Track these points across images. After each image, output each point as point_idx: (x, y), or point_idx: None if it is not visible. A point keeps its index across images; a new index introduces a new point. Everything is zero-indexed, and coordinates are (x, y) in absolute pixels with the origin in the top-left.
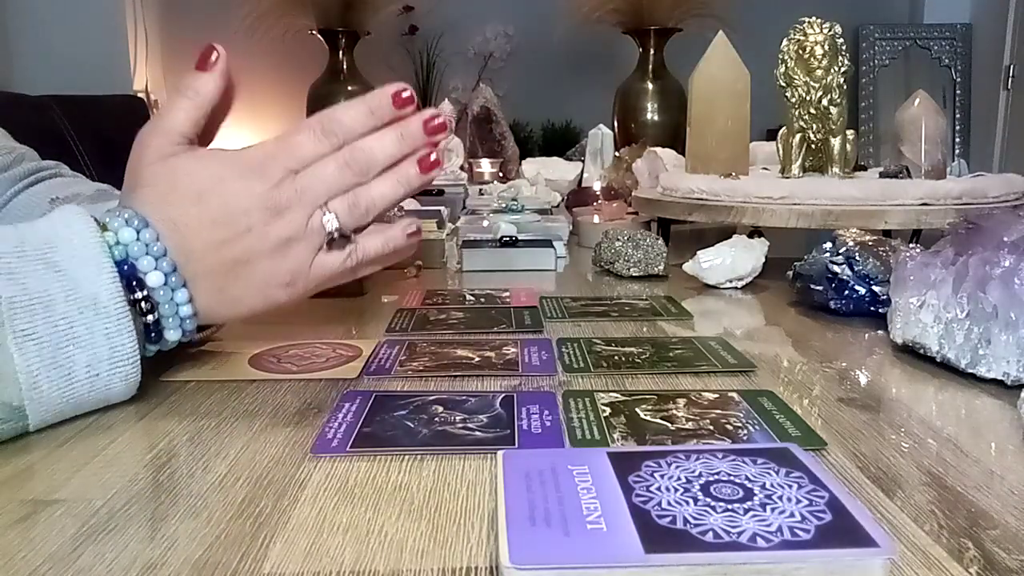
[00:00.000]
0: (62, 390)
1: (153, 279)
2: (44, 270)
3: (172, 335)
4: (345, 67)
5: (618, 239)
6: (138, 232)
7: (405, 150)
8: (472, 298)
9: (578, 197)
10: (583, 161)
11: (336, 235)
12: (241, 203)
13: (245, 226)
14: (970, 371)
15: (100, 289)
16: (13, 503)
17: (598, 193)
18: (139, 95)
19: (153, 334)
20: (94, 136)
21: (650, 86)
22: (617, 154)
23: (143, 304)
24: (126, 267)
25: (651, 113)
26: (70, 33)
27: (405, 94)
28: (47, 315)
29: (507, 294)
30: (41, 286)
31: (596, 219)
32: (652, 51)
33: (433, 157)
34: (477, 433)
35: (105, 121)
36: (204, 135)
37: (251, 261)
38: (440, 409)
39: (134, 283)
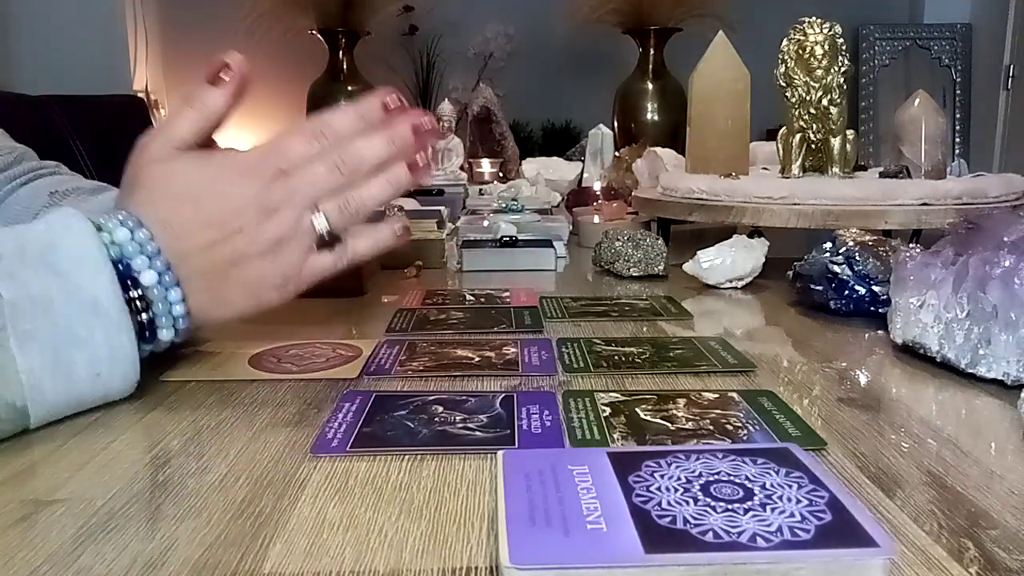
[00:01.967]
0: (63, 389)
1: (147, 278)
2: (44, 272)
3: (165, 334)
4: (345, 67)
5: (618, 239)
6: (132, 232)
7: (394, 153)
8: (472, 298)
9: (578, 197)
10: (583, 161)
11: (327, 236)
12: (233, 204)
13: (236, 227)
14: (970, 371)
15: (99, 290)
16: (13, 503)
17: (598, 193)
18: (139, 95)
19: (147, 333)
20: (94, 136)
21: (650, 86)
22: (617, 154)
23: (138, 303)
24: (121, 266)
25: (651, 113)
26: (70, 33)
27: (394, 103)
28: (48, 316)
29: (507, 294)
30: (42, 288)
31: (596, 219)
32: (652, 51)
33: (423, 161)
34: (477, 433)
35: (105, 121)
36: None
37: (242, 262)
38: (440, 409)
39: (128, 282)
